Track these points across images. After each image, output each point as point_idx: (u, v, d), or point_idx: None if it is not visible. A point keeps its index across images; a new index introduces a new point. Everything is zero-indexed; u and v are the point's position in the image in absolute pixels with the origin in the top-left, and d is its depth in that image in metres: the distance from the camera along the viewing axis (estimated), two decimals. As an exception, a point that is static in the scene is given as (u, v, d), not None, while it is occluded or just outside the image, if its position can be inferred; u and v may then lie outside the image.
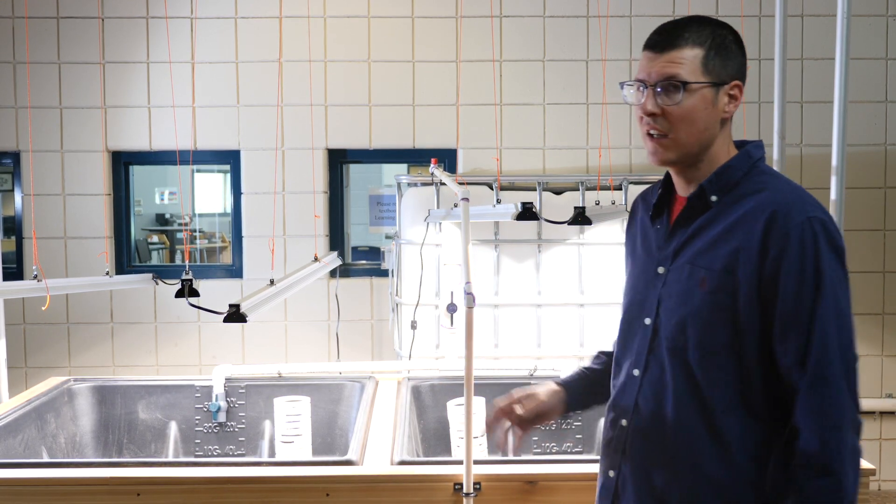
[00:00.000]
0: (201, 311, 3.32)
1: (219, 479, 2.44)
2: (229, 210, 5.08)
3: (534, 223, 4.20)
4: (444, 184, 3.97)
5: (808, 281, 1.44)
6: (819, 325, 1.43)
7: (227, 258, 7.65)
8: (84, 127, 4.74)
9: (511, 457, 3.09)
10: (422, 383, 3.44)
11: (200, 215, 8.70)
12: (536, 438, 3.44)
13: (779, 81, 3.93)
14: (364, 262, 5.02)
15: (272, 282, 3.13)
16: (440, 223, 4.13)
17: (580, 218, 3.19)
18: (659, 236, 1.65)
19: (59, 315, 4.74)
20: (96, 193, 4.76)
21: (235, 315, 2.58)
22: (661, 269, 1.61)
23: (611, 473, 1.65)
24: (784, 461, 1.48)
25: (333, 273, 4.70)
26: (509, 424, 1.83)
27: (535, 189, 4.11)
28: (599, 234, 4.18)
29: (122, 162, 4.83)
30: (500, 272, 4.26)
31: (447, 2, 4.73)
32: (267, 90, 4.72)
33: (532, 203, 3.08)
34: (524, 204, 3.00)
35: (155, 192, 9.67)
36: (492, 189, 4.25)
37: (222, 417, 3.46)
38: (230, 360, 4.60)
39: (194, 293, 2.97)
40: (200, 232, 8.80)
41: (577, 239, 4.26)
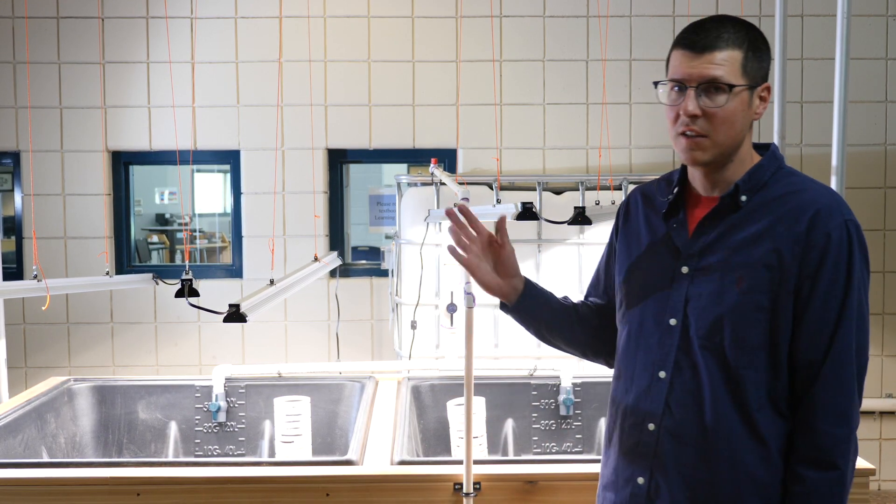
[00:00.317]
0: (201, 311, 3.32)
1: (219, 479, 2.44)
2: (229, 210, 5.08)
3: (534, 223, 4.20)
4: (444, 184, 3.98)
5: (841, 282, 1.50)
6: (844, 326, 1.50)
7: (227, 258, 7.65)
8: (84, 127, 4.74)
9: (511, 457, 3.10)
10: (422, 383, 3.44)
11: (200, 215, 8.70)
12: (536, 438, 3.45)
13: (779, 81, 3.93)
14: (364, 262, 5.02)
15: (272, 282, 3.13)
16: (440, 223, 4.13)
17: (580, 218, 3.20)
18: (678, 235, 1.62)
19: (59, 315, 4.74)
20: (96, 193, 4.76)
21: (235, 315, 2.58)
22: (686, 269, 1.59)
23: (640, 480, 1.60)
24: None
25: (333, 273, 4.70)
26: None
27: (535, 189, 4.11)
28: (599, 234, 4.18)
29: (122, 162, 4.83)
30: (500, 272, 4.25)
31: (447, 2, 4.73)
32: (267, 90, 4.72)
33: (532, 203, 3.08)
34: (524, 204, 3.01)
35: (155, 192, 9.67)
36: (492, 189, 4.25)
37: (222, 417, 3.46)
38: (230, 360, 4.60)
39: (194, 293, 2.97)
40: (200, 232, 8.80)
41: (577, 239, 4.26)
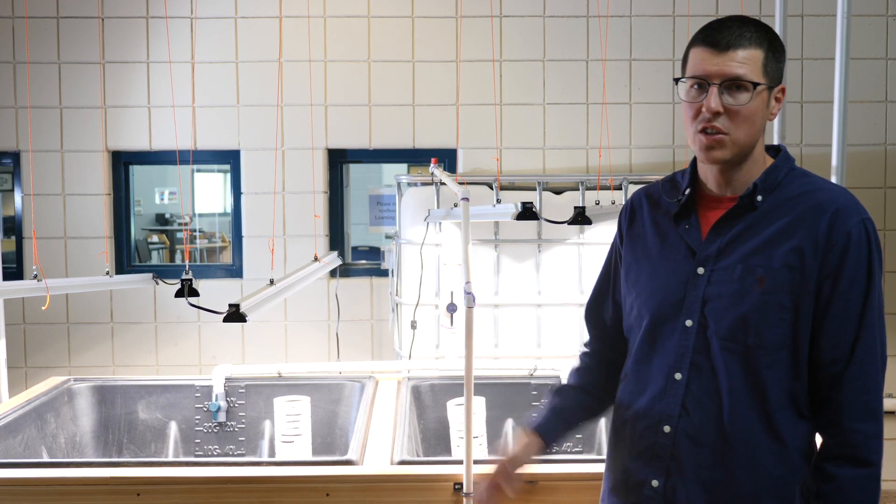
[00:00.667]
0: (201, 311, 3.32)
1: (219, 479, 2.44)
2: (229, 210, 5.08)
3: (534, 223, 4.20)
4: (444, 184, 3.97)
5: (862, 281, 1.51)
6: (867, 325, 1.52)
7: (227, 258, 7.65)
8: (84, 127, 4.74)
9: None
10: (422, 383, 3.44)
11: (200, 215, 8.69)
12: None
13: (779, 81, 3.94)
14: (364, 262, 5.02)
15: (272, 282, 3.13)
16: (440, 223, 4.13)
17: (580, 218, 3.19)
18: (691, 237, 1.62)
19: (59, 315, 4.74)
20: (96, 193, 4.76)
21: (235, 315, 2.58)
22: (702, 271, 1.58)
23: (654, 483, 1.59)
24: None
25: (333, 273, 4.70)
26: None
27: (535, 189, 4.11)
28: (599, 234, 4.18)
29: (122, 162, 4.83)
30: (500, 272, 4.26)
31: (447, 2, 4.73)
32: (267, 90, 4.72)
33: (532, 203, 3.08)
34: (524, 204, 3.00)
35: (155, 192, 9.67)
36: (492, 189, 4.25)
37: (222, 417, 3.46)
38: (230, 360, 4.60)
39: (194, 293, 2.97)
40: (200, 232, 8.80)
41: (577, 239, 4.26)
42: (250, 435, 3.50)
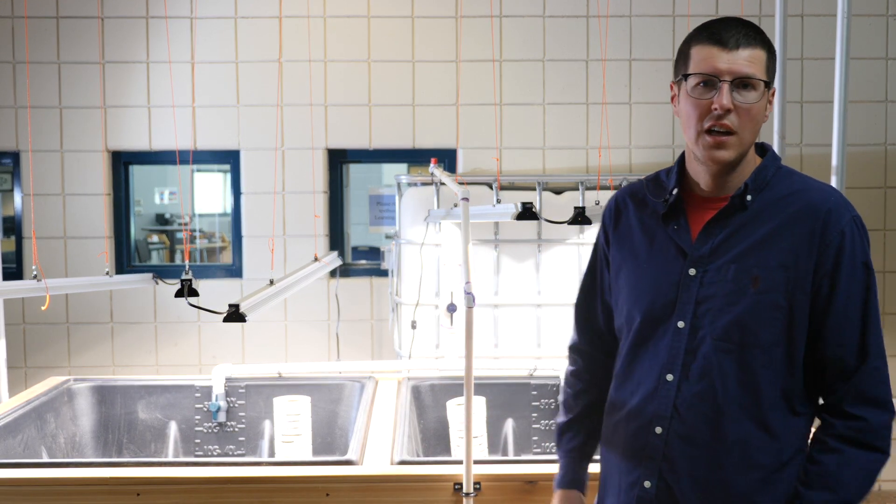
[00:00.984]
0: (201, 311, 3.32)
1: (219, 479, 2.44)
2: (229, 210, 5.07)
3: (534, 223, 4.20)
4: (444, 184, 3.97)
5: (860, 276, 1.54)
6: (871, 318, 1.55)
7: (227, 258, 7.65)
8: (84, 127, 4.74)
9: (511, 457, 3.09)
10: (422, 383, 3.44)
11: (200, 215, 8.70)
12: (536, 438, 3.45)
13: (779, 81, 3.94)
14: (364, 262, 5.02)
15: (272, 282, 3.13)
16: (440, 223, 4.13)
17: (580, 218, 3.19)
18: (681, 237, 1.61)
19: (59, 315, 4.74)
20: (96, 193, 4.76)
21: (235, 315, 2.58)
22: (693, 272, 1.58)
23: (647, 484, 1.60)
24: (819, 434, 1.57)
25: (333, 273, 4.70)
26: None
27: (535, 189, 4.11)
28: (599, 234, 4.17)
29: (122, 162, 4.83)
30: (500, 272, 4.26)
31: (447, 2, 4.73)
32: (267, 90, 4.72)
33: (532, 203, 3.08)
34: (524, 204, 3.00)
35: (155, 192, 9.67)
36: (492, 189, 4.25)
37: (222, 417, 3.46)
38: (230, 360, 4.59)
39: (194, 293, 2.97)
40: (200, 232, 8.80)
41: (577, 239, 4.26)
42: (250, 435, 3.50)
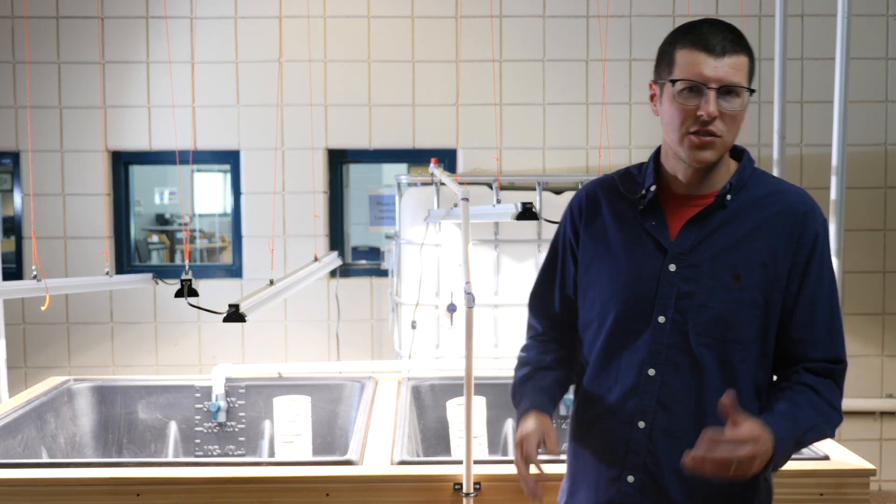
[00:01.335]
0: (201, 311, 3.32)
1: (219, 479, 2.44)
2: (229, 210, 5.07)
3: (534, 223, 4.20)
4: (444, 184, 3.97)
5: (828, 273, 1.62)
6: (837, 309, 1.63)
7: (227, 258, 7.65)
8: (84, 127, 4.74)
9: (511, 457, 3.08)
10: (422, 383, 3.44)
11: (200, 215, 8.70)
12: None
13: (779, 81, 3.94)
14: (364, 262, 5.02)
15: (272, 282, 3.13)
16: (440, 223, 4.13)
17: (580, 218, 3.18)
18: (660, 233, 1.63)
19: (59, 315, 4.74)
20: (96, 193, 4.76)
21: (235, 315, 2.58)
22: (674, 267, 1.60)
23: (630, 479, 1.62)
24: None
25: (333, 273, 4.70)
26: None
27: (535, 189, 4.11)
28: (599, 234, 4.16)
29: (122, 162, 4.83)
30: (500, 272, 4.26)
31: (447, 2, 4.73)
32: (267, 90, 4.72)
33: (532, 203, 3.08)
34: (524, 204, 3.00)
35: (155, 192, 9.66)
36: (492, 189, 4.25)
37: (222, 417, 3.46)
38: (230, 360, 4.59)
39: (194, 293, 2.97)
40: (200, 232, 8.80)
41: (577, 239, 4.25)
42: (250, 435, 3.50)
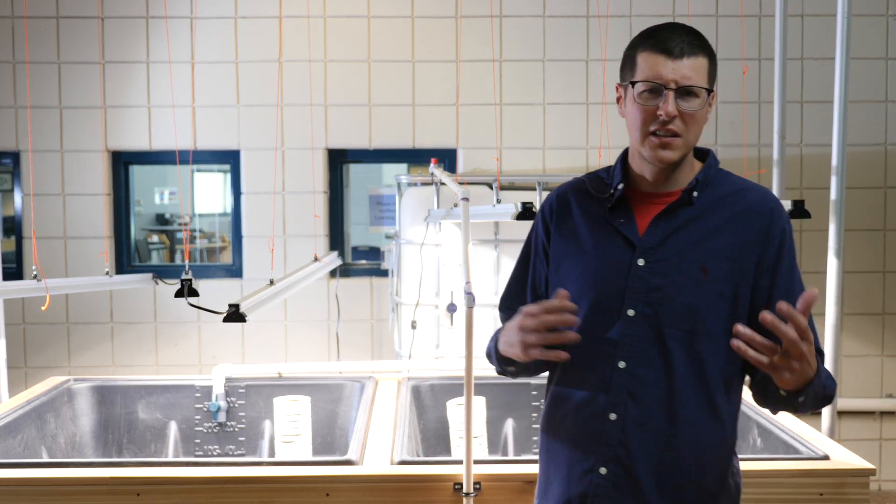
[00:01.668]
0: (201, 311, 3.32)
1: (219, 479, 2.44)
2: (229, 210, 5.08)
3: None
4: (444, 184, 3.97)
5: (796, 272, 1.67)
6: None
7: (227, 258, 7.65)
8: (84, 127, 4.74)
9: (511, 457, 3.09)
10: (422, 383, 3.44)
11: (200, 215, 8.70)
12: (536, 438, 3.44)
13: (779, 81, 3.94)
14: (364, 262, 5.02)
15: (272, 282, 3.13)
16: (440, 223, 4.13)
17: (580, 218, 3.18)
18: (629, 230, 1.68)
19: (59, 315, 4.74)
20: (96, 193, 4.76)
21: (235, 315, 2.58)
22: (642, 262, 1.64)
23: (602, 470, 1.64)
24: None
25: (333, 273, 4.70)
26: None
27: (535, 189, 4.11)
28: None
29: (122, 162, 4.83)
30: (500, 272, 4.26)
31: (447, 2, 4.73)
32: (267, 90, 4.73)
33: (532, 203, 3.07)
34: (524, 204, 3.00)
35: (155, 192, 9.67)
36: (492, 189, 4.25)
37: (222, 417, 3.46)
38: (230, 360, 4.59)
39: (194, 293, 2.97)
40: (200, 232, 8.80)
41: (577, 239, 4.25)
42: (250, 435, 3.50)
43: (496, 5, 4.70)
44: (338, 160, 4.85)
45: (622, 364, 1.63)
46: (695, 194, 1.66)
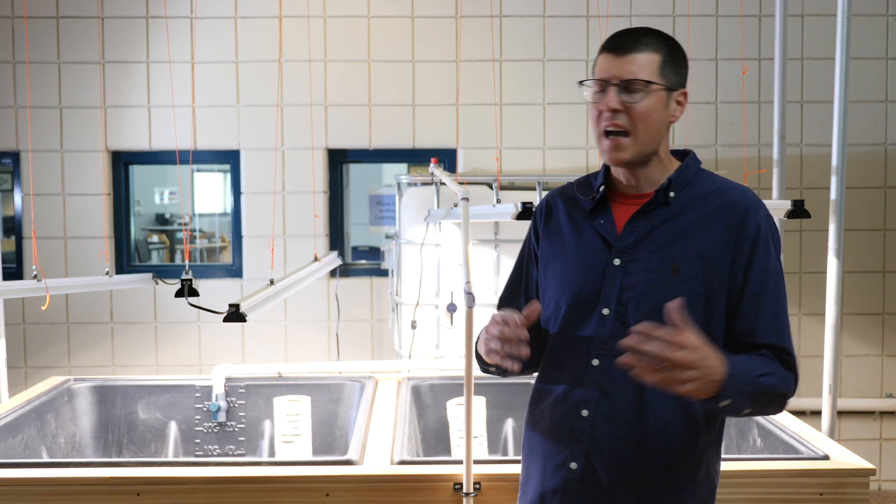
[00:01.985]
0: (201, 311, 3.32)
1: (219, 479, 2.44)
2: (229, 210, 5.08)
3: (534, 223, 4.19)
4: (444, 184, 3.97)
5: (774, 266, 1.65)
6: (783, 301, 1.66)
7: (227, 258, 7.66)
8: (84, 127, 4.74)
9: (511, 457, 3.09)
10: (422, 383, 3.44)
11: (200, 215, 8.70)
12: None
13: (779, 81, 3.94)
14: (364, 262, 5.02)
15: (272, 282, 3.13)
16: (440, 223, 4.13)
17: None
18: (607, 230, 1.71)
19: (59, 315, 4.74)
20: (96, 193, 4.76)
21: (235, 315, 2.58)
22: (618, 262, 1.67)
23: (573, 465, 1.67)
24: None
25: (333, 273, 4.70)
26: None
27: (535, 189, 4.11)
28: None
29: (122, 162, 4.83)
30: (500, 272, 4.26)
31: (447, 2, 4.73)
32: (267, 90, 4.73)
33: (532, 203, 3.08)
34: (524, 204, 3.00)
35: (155, 192, 9.68)
36: (492, 189, 4.25)
37: (222, 417, 3.46)
38: (230, 360, 4.60)
39: (194, 293, 2.97)
40: (200, 232, 8.81)
41: (577, 239, 4.25)
42: (250, 435, 3.50)
43: (496, 5, 4.70)
44: (338, 160, 4.85)
45: (595, 362, 1.66)
46: (672, 194, 1.68)
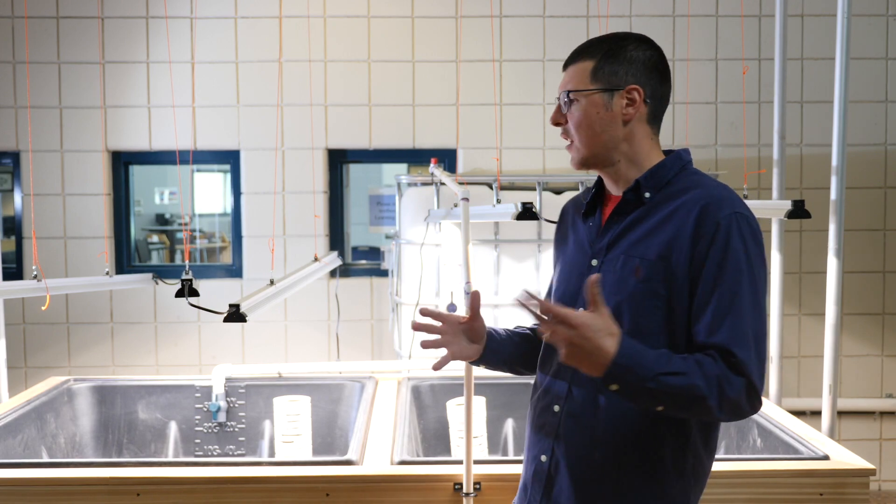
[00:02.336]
0: (201, 311, 3.32)
1: (219, 479, 2.44)
2: (229, 210, 5.07)
3: (534, 223, 4.20)
4: (444, 184, 3.97)
5: (734, 264, 1.56)
6: (744, 301, 1.54)
7: (227, 258, 7.66)
8: (84, 127, 4.74)
9: (511, 457, 3.09)
10: (422, 383, 3.44)
11: (200, 215, 8.70)
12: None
13: (779, 81, 3.94)
14: (364, 262, 5.02)
15: (272, 282, 3.13)
16: (440, 223, 4.13)
17: (580, 218, 3.18)
18: (591, 232, 1.76)
19: (59, 315, 4.74)
20: (96, 193, 4.76)
21: (235, 315, 2.58)
22: (595, 262, 1.71)
23: (543, 458, 1.73)
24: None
25: (333, 273, 4.70)
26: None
27: (535, 189, 4.11)
28: (599, 234, 4.16)
29: (122, 162, 4.83)
30: (500, 272, 4.26)
31: (447, 2, 4.73)
32: (267, 90, 4.73)
33: (532, 203, 3.08)
34: (524, 204, 3.00)
35: (155, 192, 9.68)
36: (492, 189, 4.25)
37: (222, 417, 3.46)
38: (230, 360, 4.60)
39: (194, 293, 2.97)
40: (200, 232, 8.81)
41: (577, 239, 4.25)
42: (250, 435, 3.50)
43: (496, 5, 4.70)
44: (338, 160, 4.85)
45: None
46: (647, 194, 1.68)
